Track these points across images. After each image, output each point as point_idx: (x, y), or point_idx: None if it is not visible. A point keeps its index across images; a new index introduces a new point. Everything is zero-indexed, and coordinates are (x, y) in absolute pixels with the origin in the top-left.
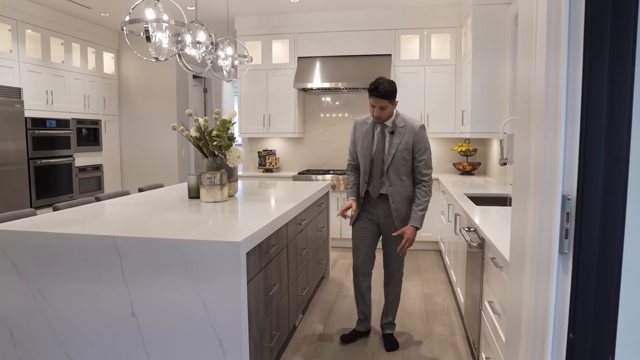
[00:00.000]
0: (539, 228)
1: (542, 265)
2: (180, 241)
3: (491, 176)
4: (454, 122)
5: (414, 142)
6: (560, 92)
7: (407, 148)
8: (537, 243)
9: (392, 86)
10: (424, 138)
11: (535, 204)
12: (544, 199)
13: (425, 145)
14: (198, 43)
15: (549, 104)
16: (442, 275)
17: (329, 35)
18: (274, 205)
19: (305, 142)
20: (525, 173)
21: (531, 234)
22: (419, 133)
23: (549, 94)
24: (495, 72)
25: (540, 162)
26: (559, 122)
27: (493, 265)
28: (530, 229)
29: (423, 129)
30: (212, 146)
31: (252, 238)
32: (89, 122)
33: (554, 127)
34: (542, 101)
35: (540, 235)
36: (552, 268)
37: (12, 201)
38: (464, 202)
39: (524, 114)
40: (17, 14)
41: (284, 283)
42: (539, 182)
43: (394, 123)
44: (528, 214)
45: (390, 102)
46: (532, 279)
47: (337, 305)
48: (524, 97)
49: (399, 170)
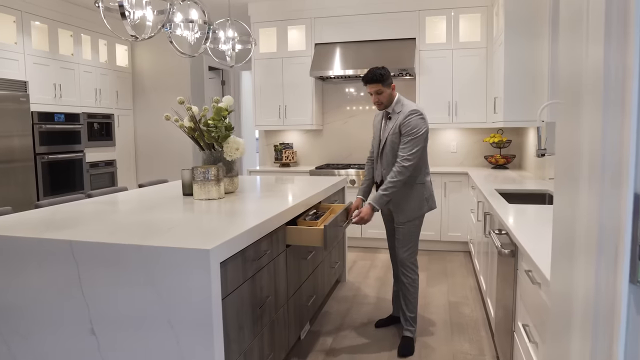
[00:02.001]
0: (596, 238)
1: (601, 321)
2: (141, 247)
3: (527, 170)
4: (485, 110)
5: (400, 126)
6: (631, 71)
7: (395, 132)
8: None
9: (383, 70)
10: (411, 123)
11: (591, 203)
12: (603, 198)
13: (410, 131)
14: (190, 22)
15: (610, 85)
16: (471, 281)
17: (348, 20)
18: (275, 204)
19: (324, 134)
20: (575, 165)
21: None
22: (407, 117)
23: (609, 74)
24: (530, 53)
25: (597, 152)
26: (628, 106)
27: (528, 280)
28: (581, 232)
29: (413, 114)
30: (209, 137)
31: (232, 244)
32: (100, 116)
33: (619, 112)
34: (600, 82)
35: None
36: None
37: (18, 199)
38: (494, 199)
39: (572, 98)
40: (22, 5)
41: (282, 294)
42: (596, 177)
43: (393, 109)
44: (579, 212)
45: (384, 85)
46: (585, 342)
47: (351, 315)
48: (571, 78)
49: (390, 154)
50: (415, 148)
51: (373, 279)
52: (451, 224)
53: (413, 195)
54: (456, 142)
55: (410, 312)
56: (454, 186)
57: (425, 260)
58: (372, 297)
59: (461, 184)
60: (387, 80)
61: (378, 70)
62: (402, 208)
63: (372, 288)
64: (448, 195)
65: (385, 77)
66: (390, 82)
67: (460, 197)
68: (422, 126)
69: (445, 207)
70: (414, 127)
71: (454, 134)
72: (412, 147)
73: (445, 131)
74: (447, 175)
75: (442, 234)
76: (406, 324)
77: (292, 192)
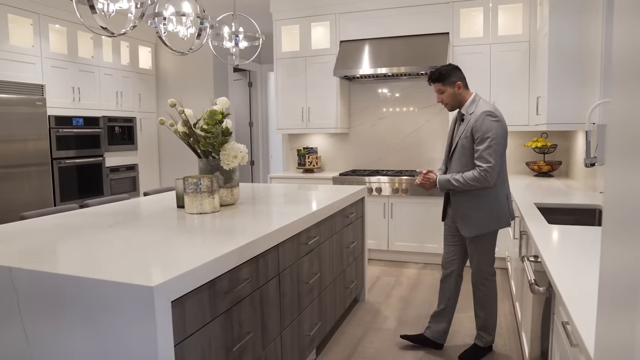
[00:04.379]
0: None
1: None
2: (81, 280)
3: (575, 179)
4: (527, 111)
5: (472, 129)
6: None
7: (467, 136)
8: None
9: (446, 68)
10: (484, 125)
11: None
12: None
13: (484, 133)
14: (182, 15)
15: None
16: (507, 305)
17: (375, 14)
18: (275, 220)
19: (350, 138)
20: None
21: None
22: (479, 119)
23: None
24: (580, 43)
25: None
26: None
27: (565, 336)
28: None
29: (486, 115)
30: (204, 143)
31: (194, 275)
32: (122, 119)
33: None
34: None
35: None
36: None
37: (33, 203)
38: (532, 217)
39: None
40: (39, 7)
41: (272, 326)
42: None
43: (467, 110)
44: None
45: (445, 83)
46: None
47: (365, 342)
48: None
49: (460, 160)
50: (491, 156)
51: (396, 299)
52: None
53: (473, 199)
54: None
55: (490, 322)
56: None
57: None
58: (392, 321)
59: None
60: (449, 78)
61: (440, 68)
62: (464, 214)
63: (394, 310)
64: None
65: (446, 75)
66: (455, 80)
67: None
68: (497, 130)
69: None
70: (487, 131)
71: None
72: (483, 153)
73: None
74: None
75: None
76: (479, 338)
77: (299, 205)
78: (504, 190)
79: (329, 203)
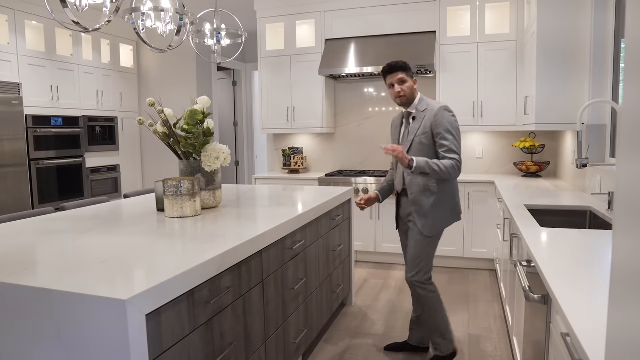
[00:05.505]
0: None
1: None
2: (51, 292)
3: (564, 179)
4: (515, 111)
5: (432, 125)
6: None
7: (425, 132)
8: None
9: (403, 61)
10: (444, 120)
11: None
12: None
13: (447, 127)
14: (161, 11)
15: None
16: (497, 308)
17: (361, 12)
18: (259, 224)
19: (336, 138)
20: None
21: None
22: (438, 114)
23: None
24: (569, 41)
25: None
26: None
27: (566, 349)
28: None
29: (444, 110)
30: (185, 144)
31: (170, 286)
32: (102, 119)
33: None
34: None
35: None
36: None
37: (9, 206)
38: (523, 220)
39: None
40: (14, 3)
41: (256, 336)
42: None
43: (417, 108)
44: None
45: (407, 74)
46: None
47: (352, 349)
48: None
49: (420, 157)
50: (458, 149)
51: (383, 303)
52: (475, 239)
53: (430, 196)
54: (482, 147)
55: (434, 335)
56: (479, 197)
57: (444, 280)
58: (380, 326)
59: (487, 194)
60: (411, 70)
61: (402, 61)
62: (424, 211)
63: (381, 314)
64: (472, 206)
65: (410, 68)
66: (412, 71)
67: (486, 209)
68: (455, 124)
69: (469, 220)
70: (448, 124)
71: (480, 137)
72: (451, 147)
73: (469, 134)
74: (471, 185)
75: (465, 250)
76: (434, 347)
77: (284, 208)
78: (457, 185)
79: (315, 205)
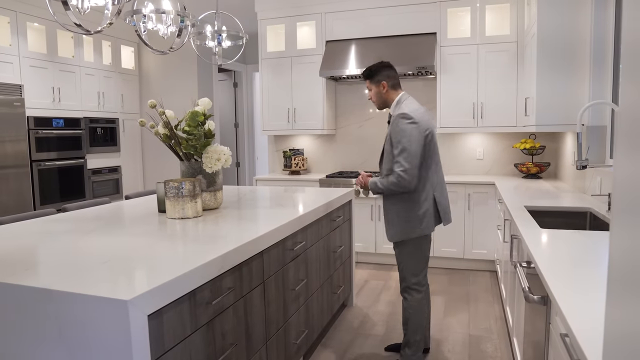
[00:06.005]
0: None
1: None
2: (52, 293)
3: (564, 181)
4: (515, 112)
5: (391, 133)
6: None
7: (388, 139)
8: None
9: (376, 65)
10: (397, 128)
11: None
12: None
13: (397, 137)
14: (162, 13)
15: None
16: (497, 309)
17: (361, 14)
18: (260, 225)
19: (337, 139)
20: None
21: None
22: (394, 122)
23: None
24: (569, 40)
25: None
26: None
27: (565, 349)
28: None
29: (399, 118)
30: (186, 146)
31: (172, 287)
32: (104, 120)
33: None
34: None
35: None
36: None
37: (11, 207)
38: (523, 221)
39: None
40: (16, 5)
41: (257, 336)
42: None
43: (392, 112)
44: None
45: (372, 82)
46: None
47: (353, 349)
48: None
49: (386, 165)
50: (406, 160)
51: (384, 304)
52: (476, 240)
53: (397, 202)
54: (482, 148)
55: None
56: (479, 198)
57: (444, 281)
58: (380, 327)
59: (487, 195)
60: (376, 76)
61: (371, 65)
62: (391, 220)
63: (382, 315)
64: (472, 207)
65: (374, 72)
66: (380, 79)
67: (486, 210)
68: (411, 132)
69: (469, 221)
70: (400, 134)
71: (480, 139)
72: (403, 158)
73: (470, 136)
74: (471, 186)
75: (466, 251)
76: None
77: (285, 209)
78: (431, 194)
79: (315, 207)
